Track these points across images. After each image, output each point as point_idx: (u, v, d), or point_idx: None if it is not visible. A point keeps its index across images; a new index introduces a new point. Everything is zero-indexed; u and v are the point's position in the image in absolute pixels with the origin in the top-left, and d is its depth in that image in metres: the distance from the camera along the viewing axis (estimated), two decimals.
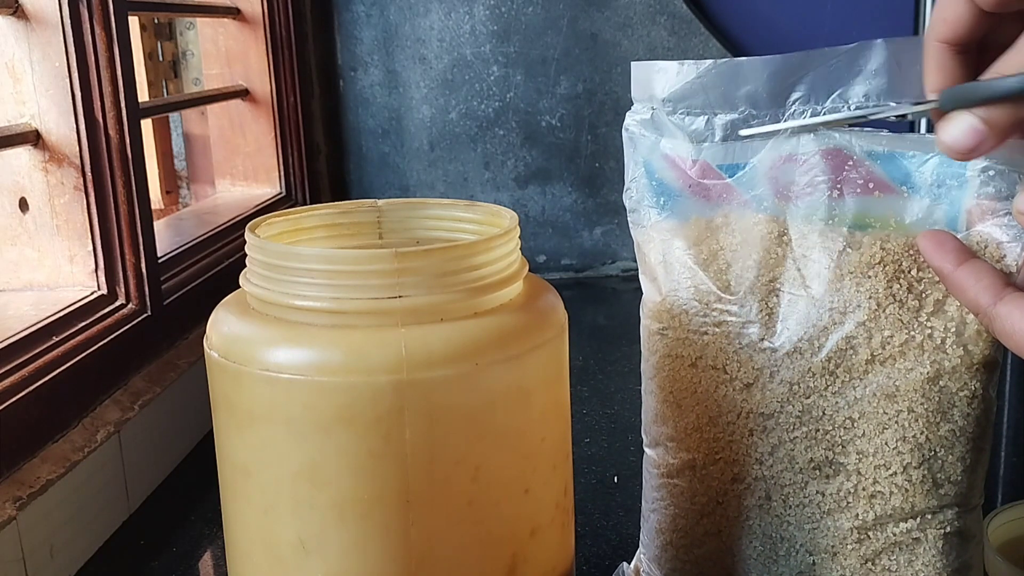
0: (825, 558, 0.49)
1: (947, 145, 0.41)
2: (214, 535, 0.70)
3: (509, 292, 0.47)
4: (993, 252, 0.43)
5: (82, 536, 0.67)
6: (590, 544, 0.67)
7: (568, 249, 1.39)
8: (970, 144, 0.41)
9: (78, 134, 0.74)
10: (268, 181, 1.22)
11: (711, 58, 0.48)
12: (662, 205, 0.51)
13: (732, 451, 0.50)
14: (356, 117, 1.36)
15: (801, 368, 0.47)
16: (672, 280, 0.51)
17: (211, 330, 0.47)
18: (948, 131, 0.41)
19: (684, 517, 0.53)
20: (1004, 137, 0.41)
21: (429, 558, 0.44)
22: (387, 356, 0.42)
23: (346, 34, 1.33)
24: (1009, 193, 0.43)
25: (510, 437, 0.46)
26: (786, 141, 0.46)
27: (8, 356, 0.65)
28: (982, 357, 0.45)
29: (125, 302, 0.79)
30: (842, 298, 0.46)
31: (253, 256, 0.46)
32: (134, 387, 0.77)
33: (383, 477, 0.43)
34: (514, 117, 1.34)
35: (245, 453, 0.45)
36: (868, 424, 0.47)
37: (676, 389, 0.52)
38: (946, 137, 0.41)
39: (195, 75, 1.42)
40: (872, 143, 0.45)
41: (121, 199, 0.77)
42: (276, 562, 0.45)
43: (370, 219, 0.54)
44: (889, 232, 0.45)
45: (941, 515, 0.47)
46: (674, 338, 0.51)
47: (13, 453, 0.62)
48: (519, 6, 1.31)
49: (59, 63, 0.73)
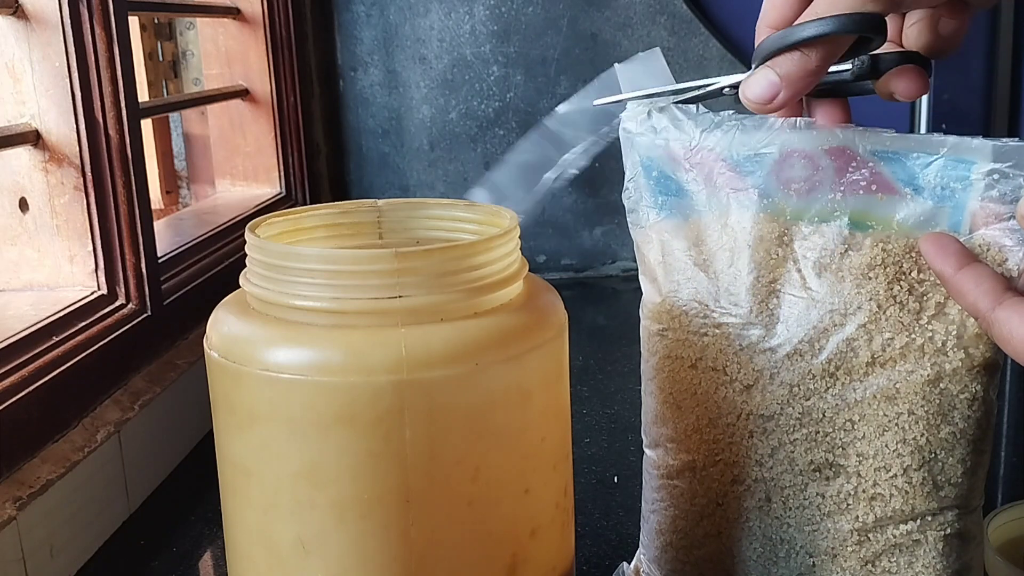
0: (825, 560, 0.49)
1: (747, 98, 0.45)
2: (214, 535, 0.70)
3: (509, 292, 0.47)
4: (995, 256, 0.43)
5: (82, 536, 0.67)
6: (590, 544, 0.67)
7: (568, 249, 1.39)
8: (766, 95, 0.44)
9: (78, 134, 0.74)
10: (268, 181, 1.22)
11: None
12: (661, 205, 0.51)
13: (732, 453, 0.50)
14: (356, 117, 1.36)
15: (801, 370, 0.47)
16: (672, 281, 0.51)
17: (211, 330, 0.47)
18: (748, 85, 0.45)
19: (684, 518, 0.53)
20: (800, 85, 0.43)
21: (429, 558, 0.44)
22: (387, 356, 0.42)
23: (346, 34, 1.33)
24: (1014, 197, 0.43)
25: (510, 437, 0.46)
26: (790, 137, 0.46)
27: (8, 356, 0.65)
28: (983, 360, 0.45)
29: (125, 302, 0.79)
30: (843, 300, 0.46)
31: (253, 256, 0.46)
32: (134, 387, 0.77)
33: (383, 477, 0.43)
34: (514, 117, 1.34)
35: (245, 453, 0.45)
36: (868, 426, 0.47)
37: (676, 390, 0.52)
38: (747, 91, 0.45)
39: (195, 75, 1.42)
40: (877, 142, 0.45)
41: (121, 199, 0.77)
42: (276, 562, 0.45)
43: (370, 219, 0.54)
44: (891, 234, 0.45)
45: (941, 517, 0.47)
46: (674, 339, 0.51)
47: (13, 453, 0.62)
48: (519, 6, 1.31)
49: (59, 63, 0.73)
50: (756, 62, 0.44)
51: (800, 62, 0.43)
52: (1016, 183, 0.43)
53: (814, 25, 0.42)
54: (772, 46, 0.43)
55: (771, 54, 0.43)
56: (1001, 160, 0.43)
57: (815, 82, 0.44)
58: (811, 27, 0.42)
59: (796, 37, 0.42)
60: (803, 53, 0.43)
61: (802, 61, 0.43)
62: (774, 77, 0.43)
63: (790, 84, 0.43)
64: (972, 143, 0.43)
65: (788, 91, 0.43)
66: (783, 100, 0.43)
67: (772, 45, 0.43)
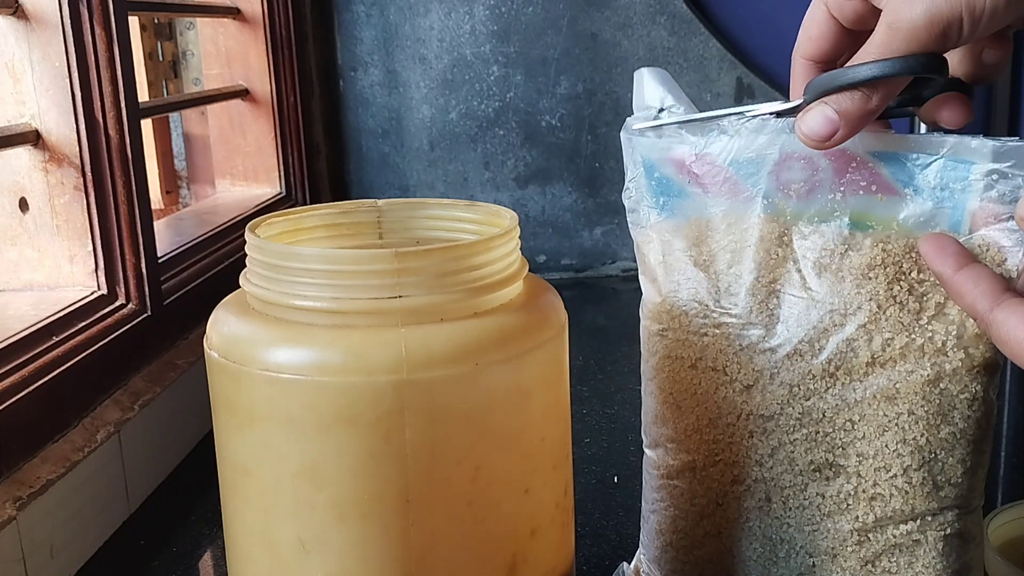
0: (825, 560, 0.49)
1: (804, 134, 0.44)
2: (214, 535, 0.70)
3: (509, 292, 0.47)
4: (994, 256, 0.43)
5: (82, 536, 0.67)
6: (590, 544, 0.67)
7: (568, 249, 1.39)
8: (824, 132, 0.43)
9: (78, 134, 0.74)
10: (268, 181, 1.22)
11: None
12: (662, 205, 0.51)
13: (732, 453, 0.50)
14: (356, 117, 1.36)
15: (801, 370, 0.47)
16: (672, 281, 0.51)
17: (211, 330, 0.47)
18: (805, 120, 0.44)
19: (684, 518, 0.53)
20: (858, 124, 0.43)
21: (429, 558, 0.44)
22: (387, 356, 0.42)
23: (346, 34, 1.33)
24: (1013, 198, 0.43)
25: (510, 437, 0.46)
26: (790, 139, 0.46)
27: (8, 356, 0.65)
28: (983, 360, 0.45)
29: (125, 302, 0.79)
30: (843, 300, 0.46)
31: (253, 256, 0.46)
32: (134, 387, 0.77)
33: (383, 477, 0.43)
34: (514, 117, 1.34)
35: (245, 453, 0.45)
36: (868, 426, 0.47)
37: (676, 390, 0.52)
38: (803, 126, 0.44)
39: (195, 75, 1.42)
40: (876, 143, 0.45)
41: (121, 199, 0.77)
42: (276, 562, 0.45)
43: (370, 219, 0.54)
44: (891, 234, 0.45)
45: (941, 517, 0.47)
46: (674, 339, 0.51)
47: (13, 453, 0.62)
48: (519, 6, 1.31)
49: (59, 63, 0.73)
50: (809, 96, 0.44)
51: (860, 102, 0.42)
52: (1015, 183, 0.43)
53: (877, 66, 0.41)
54: (828, 84, 0.43)
55: (828, 91, 0.43)
56: (1001, 160, 0.43)
57: (871, 120, 0.43)
58: (873, 68, 0.41)
59: (857, 77, 0.41)
60: (863, 93, 0.42)
61: (862, 101, 0.42)
62: (833, 115, 0.43)
63: (848, 123, 0.42)
64: (972, 143, 0.43)
65: (846, 129, 0.43)
66: (840, 138, 0.43)
67: (828, 83, 0.43)
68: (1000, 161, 0.43)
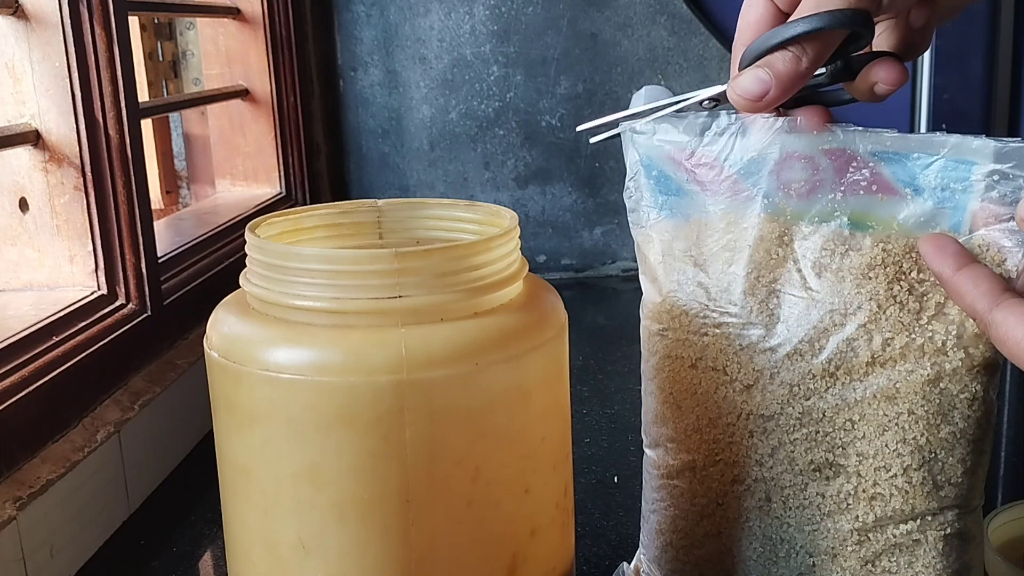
0: (825, 560, 0.49)
1: (736, 94, 0.45)
2: (214, 535, 0.70)
3: (509, 292, 0.47)
4: (994, 256, 0.43)
5: (82, 536, 0.67)
6: (590, 544, 0.67)
7: (568, 249, 1.39)
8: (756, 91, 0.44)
9: (78, 134, 0.74)
10: (268, 181, 1.22)
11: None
12: (662, 205, 0.51)
13: (732, 452, 0.50)
14: (356, 117, 1.36)
15: (801, 370, 0.47)
16: (672, 281, 0.51)
17: (211, 330, 0.47)
18: (737, 82, 0.45)
19: (684, 518, 0.53)
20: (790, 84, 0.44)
21: (429, 558, 0.44)
22: (387, 356, 0.42)
23: (346, 34, 1.33)
24: (1014, 198, 0.43)
25: (510, 437, 0.46)
26: (789, 139, 0.46)
27: (8, 356, 0.65)
28: (983, 359, 0.45)
29: (125, 302, 0.79)
30: (843, 300, 0.46)
31: (253, 256, 0.46)
32: (134, 387, 0.77)
33: (383, 477, 0.43)
34: (514, 117, 1.34)
35: (245, 453, 0.45)
36: (868, 426, 0.47)
37: (676, 390, 0.52)
38: (736, 87, 0.44)
39: (195, 75, 1.42)
40: (877, 143, 0.45)
41: (121, 199, 0.77)
42: (276, 562, 0.45)
43: (370, 219, 0.54)
44: (891, 234, 0.45)
45: (941, 517, 0.47)
46: (674, 339, 0.51)
47: (13, 453, 0.62)
48: (519, 6, 1.31)
49: (59, 63, 0.73)
50: (744, 61, 0.44)
51: (791, 62, 0.43)
52: (1016, 184, 0.43)
53: (803, 22, 0.42)
54: (761, 47, 0.43)
55: (760, 54, 0.43)
56: (1002, 161, 0.43)
57: (804, 83, 0.44)
58: (800, 24, 0.42)
59: (785, 35, 0.42)
60: (793, 52, 0.42)
61: (793, 61, 0.43)
62: (764, 75, 0.43)
63: (780, 82, 0.43)
64: (973, 144, 0.43)
65: (778, 89, 0.43)
66: (773, 98, 0.43)
67: (761, 46, 0.43)
68: (1002, 162, 0.43)
